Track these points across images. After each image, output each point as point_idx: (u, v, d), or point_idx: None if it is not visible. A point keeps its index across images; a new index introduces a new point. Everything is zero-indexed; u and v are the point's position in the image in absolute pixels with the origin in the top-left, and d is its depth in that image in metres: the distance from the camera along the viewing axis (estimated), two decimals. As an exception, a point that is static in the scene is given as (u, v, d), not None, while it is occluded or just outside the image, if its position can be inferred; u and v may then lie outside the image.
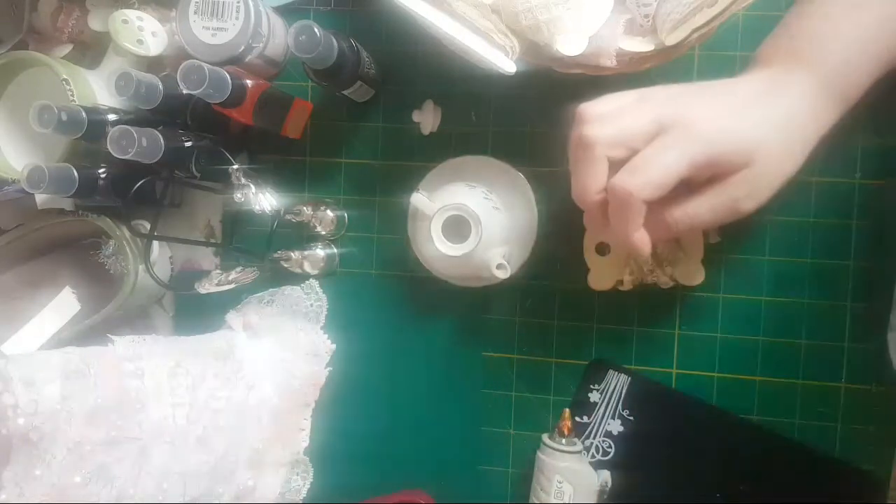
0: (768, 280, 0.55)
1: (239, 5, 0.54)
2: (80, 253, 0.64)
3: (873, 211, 0.53)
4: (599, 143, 0.43)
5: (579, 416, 0.57)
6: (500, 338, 0.59)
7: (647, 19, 0.46)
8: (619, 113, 0.43)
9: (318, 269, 0.61)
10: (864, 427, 0.54)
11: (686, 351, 0.56)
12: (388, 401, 0.61)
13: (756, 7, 0.50)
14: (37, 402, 0.42)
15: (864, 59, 0.44)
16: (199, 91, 0.49)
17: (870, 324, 0.53)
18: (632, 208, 0.42)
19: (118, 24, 0.56)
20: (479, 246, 0.51)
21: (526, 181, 0.56)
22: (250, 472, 0.57)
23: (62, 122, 0.52)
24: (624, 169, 0.42)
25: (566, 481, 0.52)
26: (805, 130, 0.44)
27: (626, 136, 0.43)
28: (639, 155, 0.42)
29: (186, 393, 0.52)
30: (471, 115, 0.59)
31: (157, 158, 0.52)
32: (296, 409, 0.60)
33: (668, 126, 0.42)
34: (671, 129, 0.42)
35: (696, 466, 0.55)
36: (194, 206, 0.64)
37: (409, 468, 0.60)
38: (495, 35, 0.46)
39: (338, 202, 0.61)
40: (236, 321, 0.60)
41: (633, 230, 0.44)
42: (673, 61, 0.48)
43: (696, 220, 0.44)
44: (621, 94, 0.45)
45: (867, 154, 0.53)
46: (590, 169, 0.43)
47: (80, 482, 0.44)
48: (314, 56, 0.48)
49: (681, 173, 0.41)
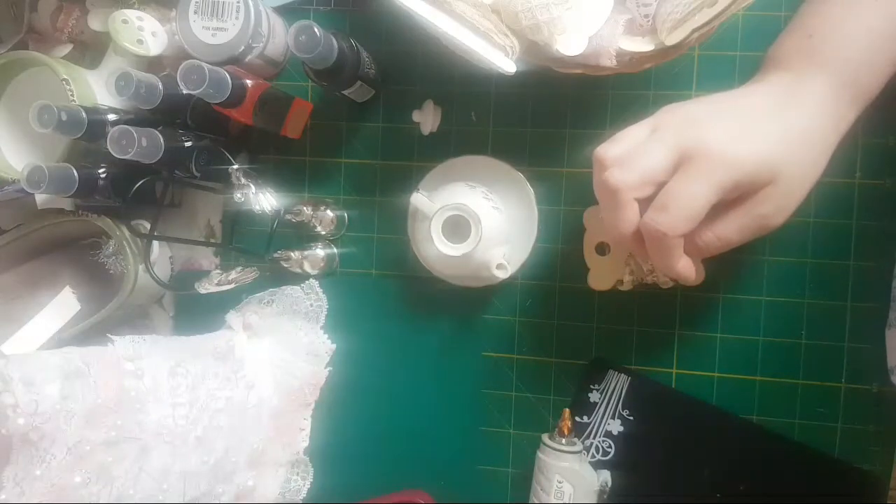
0: (768, 280, 0.55)
1: (239, 5, 0.54)
2: (80, 253, 0.64)
3: (873, 211, 0.53)
4: (624, 188, 0.42)
5: (579, 416, 0.57)
6: (500, 338, 0.59)
7: (647, 19, 0.46)
8: (637, 152, 0.42)
9: (318, 269, 0.61)
10: (864, 427, 0.54)
11: (686, 351, 0.56)
12: (388, 401, 0.61)
13: (756, 7, 0.50)
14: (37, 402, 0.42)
15: (883, 57, 0.43)
16: (199, 91, 0.49)
17: (870, 324, 0.53)
18: (668, 245, 0.42)
19: (118, 24, 0.56)
20: (479, 246, 0.51)
21: (526, 181, 0.56)
22: (250, 472, 0.57)
23: (62, 122, 0.52)
24: (653, 207, 0.42)
25: (566, 481, 0.52)
26: (826, 137, 0.43)
27: (650, 175, 0.42)
28: (666, 191, 0.42)
29: (186, 393, 0.52)
30: (471, 115, 0.59)
31: (157, 158, 0.52)
32: (296, 409, 0.60)
33: (689, 155, 0.41)
34: (693, 159, 0.41)
35: (696, 466, 0.55)
36: (194, 206, 0.64)
37: (409, 468, 0.60)
38: (495, 35, 0.46)
39: (338, 202, 0.61)
40: (236, 321, 0.60)
41: (676, 262, 0.43)
42: (673, 61, 0.48)
43: (727, 241, 0.44)
44: (634, 129, 0.44)
45: (867, 154, 0.53)
46: (620, 213, 0.43)
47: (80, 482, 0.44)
48: (314, 56, 0.48)
49: (710, 202, 0.41)
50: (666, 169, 0.42)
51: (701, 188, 0.41)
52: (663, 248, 0.43)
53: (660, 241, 0.42)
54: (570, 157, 0.58)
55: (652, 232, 0.42)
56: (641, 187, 0.42)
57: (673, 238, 0.42)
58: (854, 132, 0.45)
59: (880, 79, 0.44)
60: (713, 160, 0.40)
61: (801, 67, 0.44)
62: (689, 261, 0.45)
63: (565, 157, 0.58)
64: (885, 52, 0.43)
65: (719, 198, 0.41)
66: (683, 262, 0.44)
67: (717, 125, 0.42)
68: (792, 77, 0.44)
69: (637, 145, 0.43)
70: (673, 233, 0.41)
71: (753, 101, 0.44)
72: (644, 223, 0.42)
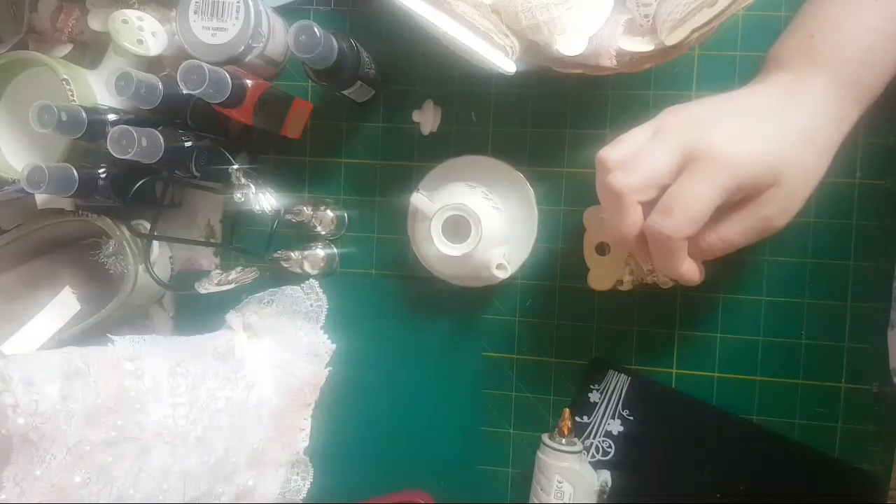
0: (768, 280, 0.55)
1: (239, 5, 0.54)
2: (80, 253, 0.64)
3: (873, 211, 0.53)
4: (628, 191, 0.42)
5: (579, 416, 0.57)
6: (500, 338, 0.59)
7: (647, 19, 0.46)
8: (639, 155, 0.42)
9: (318, 269, 0.61)
10: (864, 427, 0.54)
11: (686, 351, 0.56)
12: (388, 401, 0.61)
13: (756, 7, 0.50)
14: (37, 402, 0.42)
15: (885, 56, 0.43)
16: (199, 91, 0.49)
17: (870, 324, 0.53)
18: (672, 248, 0.42)
19: (118, 24, 0.56)
20: (479, 246, 0.51)
21: (526, 181, 0.56)
22: (250, 472, 0.57)
23: (62, 122, 0.52)
24: (657, 210, 0.42)
25: (566, 481, 0.52)
26: (828, 137, 0.43)
27: (653, 177, 0.42)
28: (669, 193, 0.42)
29: (186, 393, 0.52)
30: (471, 115, 0.59)
31: (157, 158, 0.52)
32: (296, 409, 0.60)
33: (692, 158, 0.41)
34: (696, 162, 0.41)
35: (696, 466, 0.55)
36: (194, 206, 0.64)
37: (409, 468, 0.60)
38: (495, 35, 0.46)
39: (338, 202, 0.61)
40: (236, 321, 0.60)
41: (679, 265, 0.44)
42: (673, 61, 0.48)
43: (730, 244, 0.44)
44: (636, 131, 0.44)
45: (867, 154, 0.53)
46: (623, 216, 0.43)
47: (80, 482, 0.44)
48: (314, 56, 0.48)
49: (714, 205, 0.41)
50: (669, 172, 0.42)
51: (705, 191, 0.40)
52: (667, 251, 0.43)
53: (664, 245, 0.42)
54: (570, 157, 0.58)
55: (656, 235, 0.42)
56: (645, 190, 0.42)
57: (677, 241, 0.42)
58: (855, 132, 0.45)
59: (882, 79, 0.44)
60: (716, 162, 0.40)
61: (802, 68, 0.44)
62: (693, 263, 0.45)
63: (565, 157, 0.58)
64: (886, 52, 0.43)
65: (723, 200, 0.41)
66: (687, 264, 0.44)
67: (720, 127, 0.42)
68: (793, 77, 0.44)
69: (640, 148, 0.43)
70: (677, 236, 0.41)
71: (755, 102, 0.44)
72: (648, 226, 0.42)
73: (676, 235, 0.41)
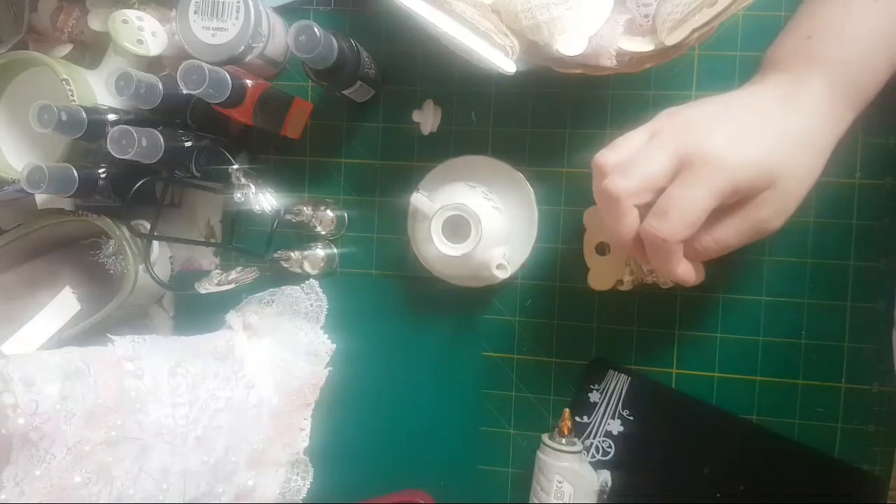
0: (768, 280, 0.55)
1: (239, 5, 0.54)
2: (80, 253, 0.64)
3: (873, 211, 0.53)
4: (624, 195, 0.42)
5: (579, 416, 0.57)
6: (500, 338, 0.59)
7: (647, 19, 0.46)
8: (636, 158, 0.43)
9: (318, 269, 0.61)
10: (864, 427, 0.54)
11: (686, 351, 0.56)
12: (388, 401, 0.61)
13: (756, 7, 0.50)
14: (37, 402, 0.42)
15: (882, 57, 0.43)
16: (199, 91, 0.49)
17: (870, 324, 0.53)
18: (668, 250, 0.42)
19: (118, 24, 0.56)
20: (479, 246, 0.51)
21: (526, 181, 0.56)
22: (250, 472, 0.57)
23: (62, 122, 0.52)
24: (653, 213, 0.42)
25: (566, 481, 0.52)
26: (825, 139, 0.43)
27: (649, 181, 0.42)
28: (665, 196, 0.42)
29: (186, 393, 0.52)
30: (471, 115, 0.59)
31: (157, 158, 0.52)
32: (296, 409, 0.60)
33: (688, 161, 0.41)
34: (693, 165, 0.41)
35: (696, 466, 0.55)
36: (194, 206, 0.64)
37: (409, 468, 0.60)
38: (495, 35, 0.46)
39: (338, 202, 0.61)
40: (236, 321, 0.60)
41: (675, 267, 0.44)
42: (673, 61, 0.48)
43: (725, 245, 0.44)
44: (633, 135, 0.44)
45: (867, 154, 0.53)
46: (620, 219, 0.43)
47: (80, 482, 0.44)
48: (314, 56, 0.48)
49: (710, 208, 0.41)
50: (665, 175, 0.42)
51: (700, 194, 0.41)
52: (663, 254, 0.43)
53: (660, 247, 0.42)
54: (570, 157, 0.58)
55: (652, 238, 0.42)
56: (641, 194, 0.42)
57: (673, 244, 0.42)
58: (854, 132, 0.45)
59: (879, 79, 0.44)
60: (712, 166, 0.40)
61: (799, 69, 0.44)
62: (689, 265, 0.45)
63: (565, 157, 0.58)
64: (883, 53, 0.43)
65: (719, 203, 0.41)
66: (683, 266, 0.44)
67: (716, 129, 0.42)
68: (790, 78, 0.44)
69: (636, 151, 0.43)
70: (673, 239, 0.41)
71: (752, 104, 0.44)
72: (644, 229, 0.42)
73: (672, 239, 0.41)
